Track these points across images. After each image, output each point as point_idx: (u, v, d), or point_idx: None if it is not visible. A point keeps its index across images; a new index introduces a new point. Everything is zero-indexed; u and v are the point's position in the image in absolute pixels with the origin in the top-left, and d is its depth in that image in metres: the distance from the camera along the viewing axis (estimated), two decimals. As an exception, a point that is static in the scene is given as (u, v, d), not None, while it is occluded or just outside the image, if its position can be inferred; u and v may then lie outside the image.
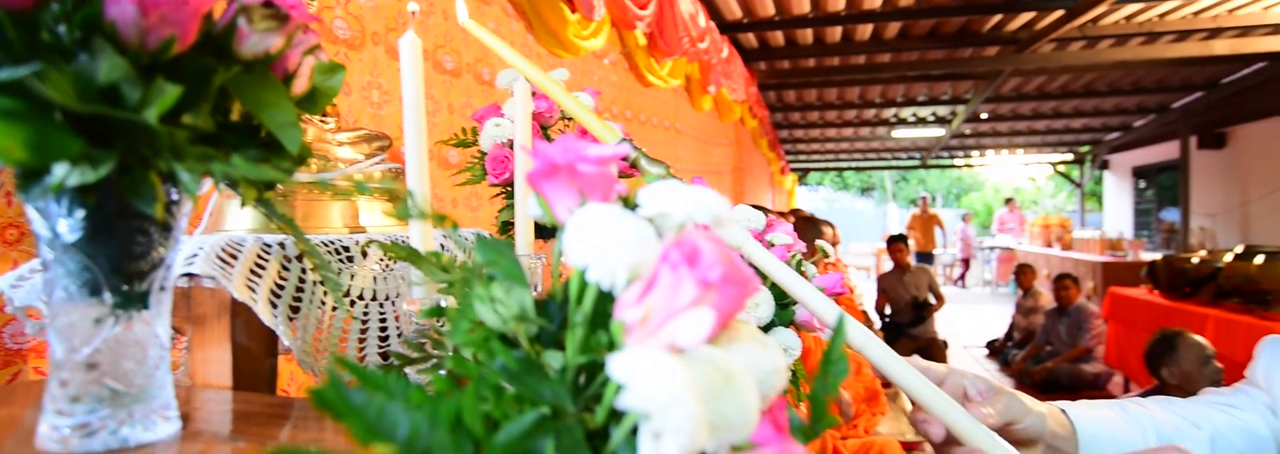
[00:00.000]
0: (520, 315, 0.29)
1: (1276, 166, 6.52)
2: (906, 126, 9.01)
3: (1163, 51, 5.41)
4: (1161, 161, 8.89)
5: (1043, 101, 7.81)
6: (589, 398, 0.30)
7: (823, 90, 7.43)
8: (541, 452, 0.26)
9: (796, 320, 0.76)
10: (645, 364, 0.23)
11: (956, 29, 5.29)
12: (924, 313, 5.35)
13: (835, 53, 5.64)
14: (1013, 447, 0.51)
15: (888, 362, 0.51)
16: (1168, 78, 6.94)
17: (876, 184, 20.18)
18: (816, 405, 0.32)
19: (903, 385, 0.51)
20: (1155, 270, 4.36)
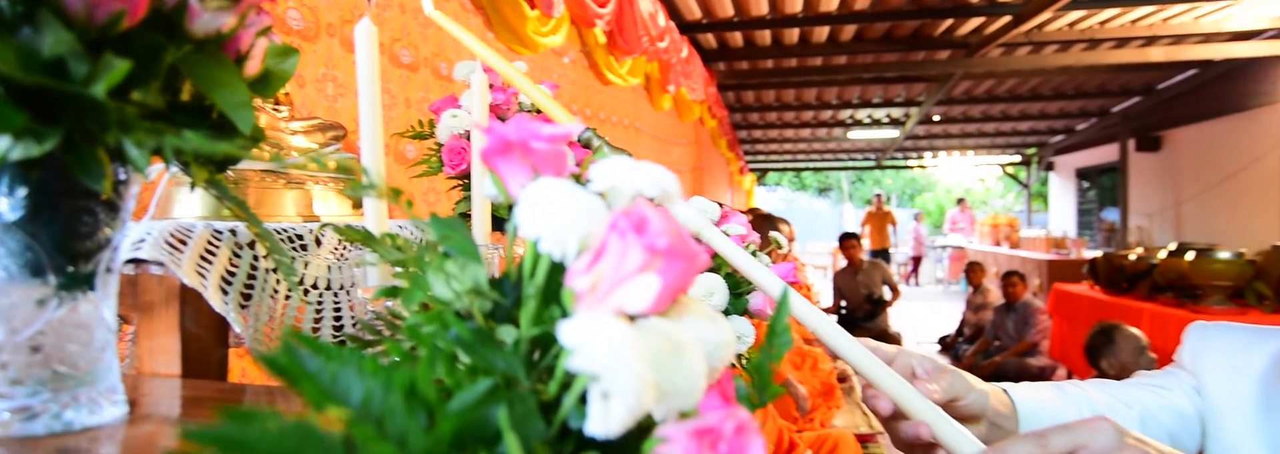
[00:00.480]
0: (474, 290, 0.30)
1: (1207, 168, 6.83)
2: (862, 128, 9.19)
3: (1103, 57, 5.62)
4: (1103, 163, 9.23)
5: (992, 104, 8.04)
6: (543, 370, 0.31)
7: (781, 91, 7.53)
8: (494, 420, 0.27)
9: (751, 309, 0.78)
10: (593, 327, 0.23)
11: (909, 32, 5.42)
12: (879, 308, 5.47)
13: (793, 54, 5.73)
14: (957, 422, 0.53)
15: (838, 340, 0.53)
16: (1108, 83, 7.21)
17: (833, 185, 20.53)
18: (761, 375, 0.33)
19: (853, 362, 0.53)
20: (1096, 267, 4.54)
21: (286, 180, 0.63)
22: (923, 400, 0.53)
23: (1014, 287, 5.28)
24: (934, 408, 0.53)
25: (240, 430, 0.19)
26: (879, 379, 0.53)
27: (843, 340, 0.53)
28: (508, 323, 0.32)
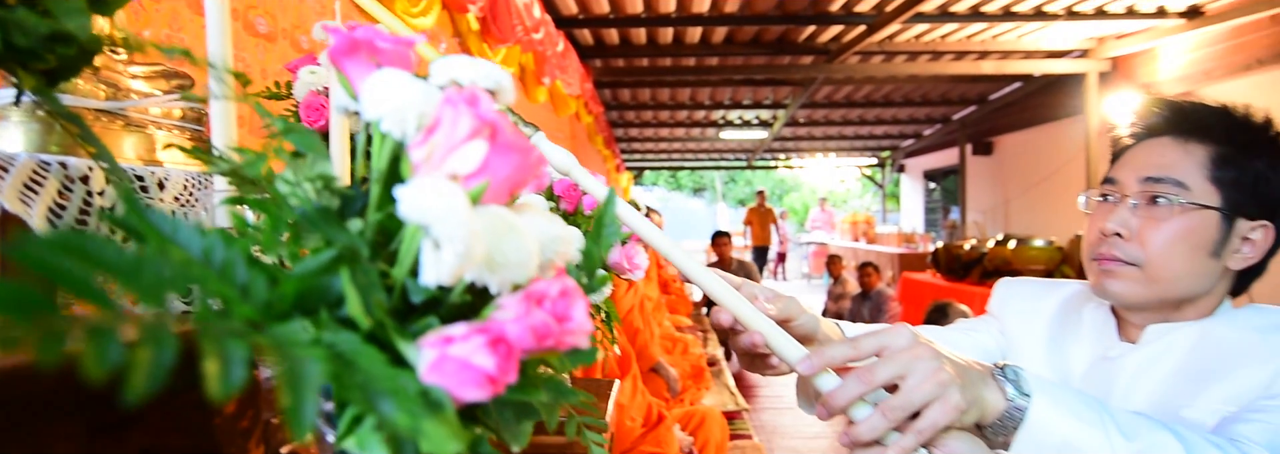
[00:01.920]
0: (322, 177, 0.32)
1: (1030, 170, 7.67)
2: (733, 128, 9.56)
3: (944, 68, 6.18)
4: (946, 166, 10.12)
5: (850, 109, 8.61)
6: (388, 255, 0.33)
7: (656, 90, 7.71)
8: (337, 288, 0.29)
9: (609, 263, 0.82)
10: (425, 183, 0.26)
11: (776, 37, 5.71)
12: None
13: (667, 54, 5.89)
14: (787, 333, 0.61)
15: (685, 263, 0.58)
16: (949, 92, 7.92)
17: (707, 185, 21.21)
18: (590, 261, 0.37)
19: (699, 282, 0.59)
20: (937, 257, 4.99)
21: (125, 122, 0.60)
22: (758, 315, 0.60)
23: (869, 277, 5.69)
24: (768, 321, 0.60)
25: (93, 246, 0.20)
26: (721, 296, 0.60)
27: (690, 264, 0.59)
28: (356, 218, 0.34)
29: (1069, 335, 0.96)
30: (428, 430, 0.27)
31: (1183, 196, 0.81)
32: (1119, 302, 0.87)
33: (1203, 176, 0.82)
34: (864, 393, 0.57)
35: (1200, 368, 0.80)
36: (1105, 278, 0.86)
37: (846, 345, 0.58)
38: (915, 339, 0.58)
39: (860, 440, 0.57)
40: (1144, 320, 0.88)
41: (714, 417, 2.20)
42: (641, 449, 1.73)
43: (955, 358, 0.61)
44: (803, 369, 0.58)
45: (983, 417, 0.60)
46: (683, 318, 4.33)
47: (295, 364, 0.22)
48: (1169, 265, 0.81)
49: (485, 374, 0.26)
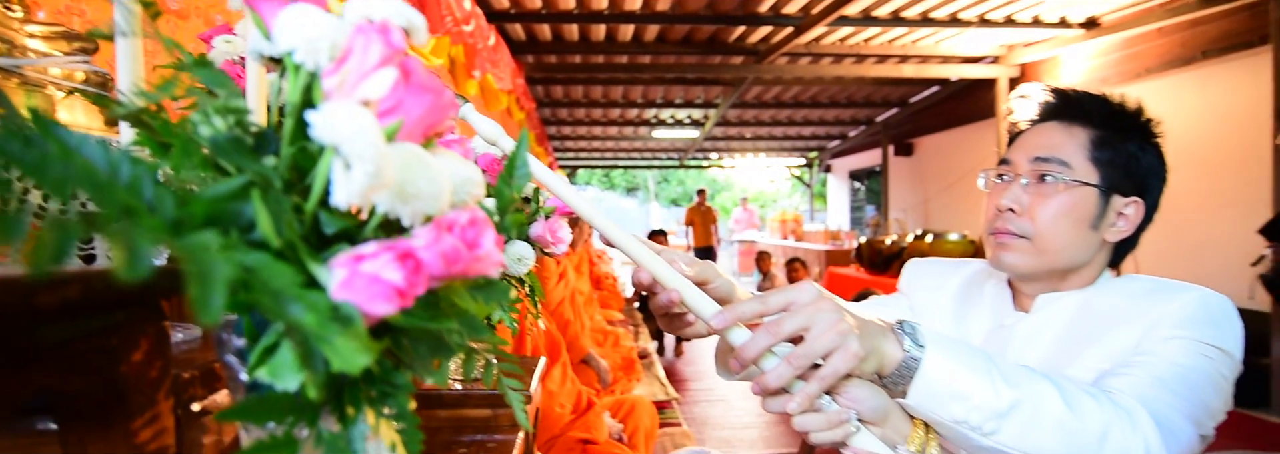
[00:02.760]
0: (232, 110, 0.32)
1: (947, 169, 8.03)
2: (665, 127, 9.65)
3: (868, 71, 6.40)
4: (869, 166, 10.49)
5: (779, 110, 8.82)
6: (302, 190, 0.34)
7: (589, 88, 7.71)
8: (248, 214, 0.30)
9: (531, 236, 0.83)
10: (336, 107, 0.27)
11: (707, 37, 5.80)
12: None
13: (599, 51, 5.90)
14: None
15: (604, 224, 0.60)
16: (872, 95, 8.22)
17: (640, 184, 21.33)
18: (502, 200, 0.39)
19: (618, 242, 0.62)
20: (861, 252, 5.18)
21: (21, 80, 0.58)
22: (675, 274, 0.63)
23: (796, 272, 5.85)
24: (684, 280, 0.63)
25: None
26: (640, 257, 0.62)
27: (609, 226, 0.61)
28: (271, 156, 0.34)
29: (971, 308, 1.03)
30: (338, 345, 0.28)
31: (1066, 174, 0.88)
32: (1012, 272, 0.94)
33: (1084, 157, 0.89)
34: (771, 344, 0.60)
35: (1082, 331, 0.87)
36: (1000, 250, 0.92)
37: (756, 301, 0.62)
38: (820, 295, 0.62)
39: (769, 388, 0.61)
40: (1035, 291, 0.95)
41: (644, 404, 2.23)
42: (571, 435, 1.74)
43: (856, 313, 0.65)
44: (715, 323, 0.61)
45: (882, 367, 0.64)
46: (614, 313, 4.36)
47: (204, 263, 0.23)
48: (1055, 237, 0.88)
49: (394, 287, 0.27)
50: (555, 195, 0.66)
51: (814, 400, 0.62)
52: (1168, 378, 0.75)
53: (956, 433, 0.65)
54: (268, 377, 0.31)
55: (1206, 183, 4.51)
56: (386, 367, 0.35)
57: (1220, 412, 0.78)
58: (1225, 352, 0.79)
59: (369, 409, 0.33)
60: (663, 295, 0.64)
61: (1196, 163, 4.43)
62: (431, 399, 0.82)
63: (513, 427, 0.82)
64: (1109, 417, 0.66)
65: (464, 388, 0.85)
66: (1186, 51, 4.83)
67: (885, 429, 0.67)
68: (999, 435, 0.64)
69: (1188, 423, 0.72)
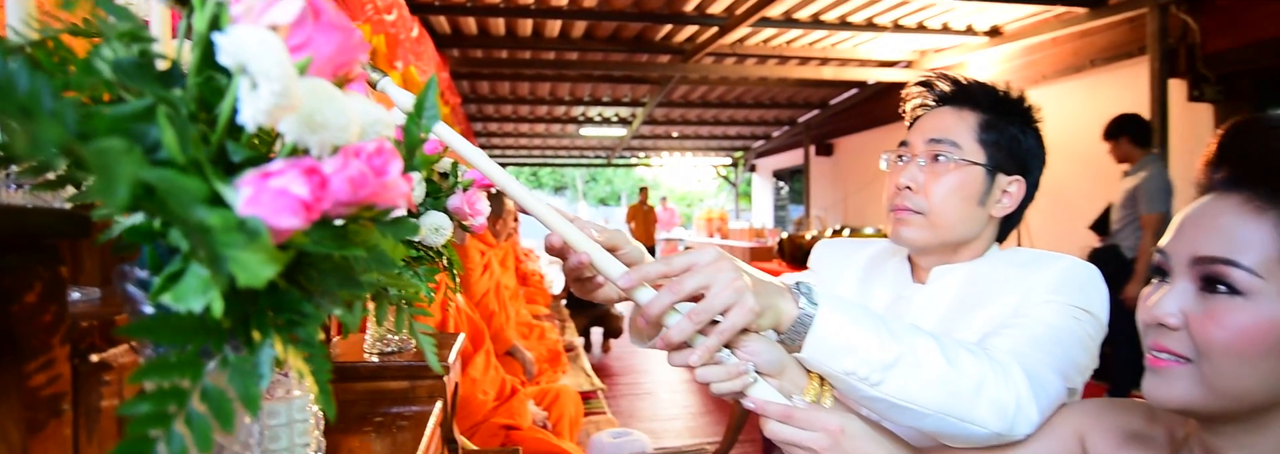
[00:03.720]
0: (131, 33, 0.32)
1: (864, 169, 8.35)
2: (593, 125, 9.66)
3: (790, 72, 6.59)
4: (792, 166, 10.79)
5: (705, 109, 8.97)
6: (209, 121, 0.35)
7: (515, 84, 7.65)
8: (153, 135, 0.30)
9: (449, 208, 0.84)
10: (243, 28, 0.28)
11: (634, 34, 5.85)
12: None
13: (526, 46, 5.86)
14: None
15: (514, 187, 0.62)
16: (794, 96, 8.46)
17: (569, 183, 21.26)
18: (410, 138, 0.40)
19: (527, 206, 0.63)
20: (783, 247, 5.34)
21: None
22: (584, 238, 0.65)
23: (720, 267, 5.96)
24: (593, 244, 0.65)
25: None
26: (550, 220, 0.65)
27: (519, 189, 0.63)
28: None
29: (874, 282, 1.10)
30: (243, 258, 0.29)
31: (957, 154, 0.96)
32: (910, 246, 1.00)
33: (972, 138, 0.97)
34: (674, 301, 0.63)
35: (970, 298, 0.94)
36: (899, 225, 0.99)
37: (660, 263, 0.65)
38: (720, 256, 0.66)
39: (672, 342, 0.64)
40: (930, 264, 1.02)
41: (568, 393, 2.24)
42: (494, 421, 1.74)
43: (755, 273, 0.69)
44: (622, 283, 0.64)
45: (778, 323, 0.69)
46: (541, 308, 4.34)
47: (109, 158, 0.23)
48: (947, 213, 0.95)
49: (300, 200, 0.29)
50: (469, 164, 0.67)
51: (714, 353, 0.65)
52: (1040, 337, 0.82)
53: (847, 384, 0.70)
54: (173, 301, 0.31)
55: (1092, 177, 4.85)
56: (294, 296, 0.35)
57: (1087, 368, 0.86)
58: (1092, 314, 0.87)
59: (276, 336, 0.34)
60: (573, 257, 0.67)
61: (1085, 160, 4.76)
62: (347, 372, 0.82)
63: (430, 398, 0.83)
64: (985, 370, 0.72)
65: (381, 361, 0.85)
66: (1078, 60, 5.19)
67: (782, 381, 0.71)
68: (885, 386, 0.69)
69: (1057, 377, 0.79)
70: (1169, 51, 4.20)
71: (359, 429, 0.75)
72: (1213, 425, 0.62)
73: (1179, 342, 0.59)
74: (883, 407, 0.71)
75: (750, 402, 0.69)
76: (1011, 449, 0.77)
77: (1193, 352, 0.58)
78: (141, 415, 0.29)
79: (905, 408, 0.70)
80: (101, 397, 0.49)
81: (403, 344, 0.88)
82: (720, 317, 0.65)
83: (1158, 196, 3.22)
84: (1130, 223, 3.44)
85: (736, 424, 3.59)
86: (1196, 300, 0.58)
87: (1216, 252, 0.57)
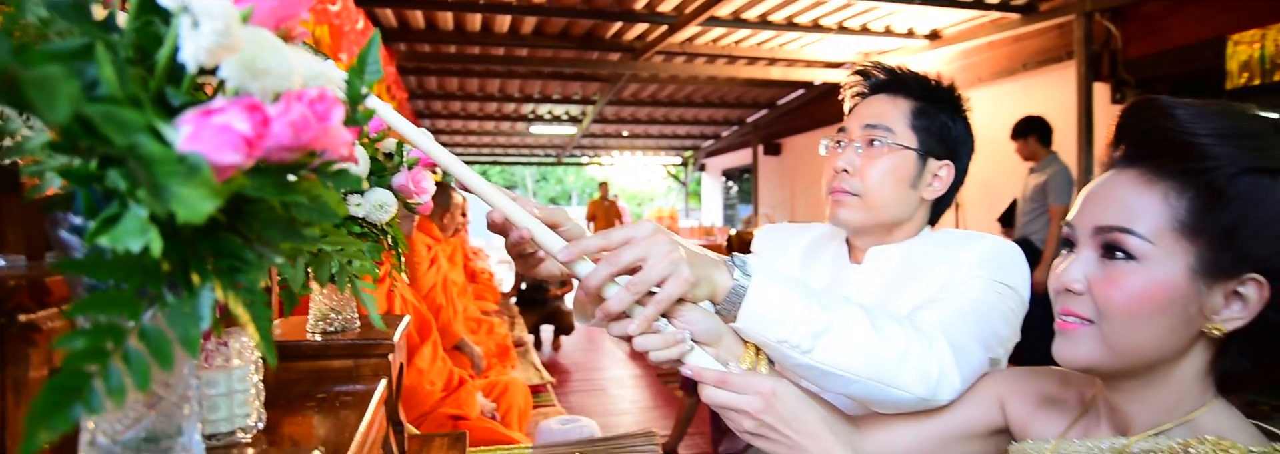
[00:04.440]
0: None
1: (811, 168, 8.53)
2: (543, 123, 9.61)
3: (739, 72, 6.68)
4: (741, 165, 10.93)
5: (655, 108, 9.02)
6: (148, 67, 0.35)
7: (464, 80, 7.55)
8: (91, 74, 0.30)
9: (393, 185, 0.84)
10: (184, -34, 0.29)
11: (584, 31, 5.84)
12: (543, 295, 5.79)
13: (475, 42, 5.80)
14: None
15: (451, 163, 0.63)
16: (743, 96, 8.58)
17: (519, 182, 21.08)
18: (352, 90, 0.40)
19: (466, 180, 0.64)
20: (731, 243, 5.41)
21: None
22: (525, 214, 0.66)
23: (670, 264, 6.00)
24: (534, 219, 0.67)
25: None
26: (491, 197, 0.65)
27: (457, 165, 0.64)
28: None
29: (814, 263, 1.13)
30: (183, 194, 0.29)
31: (890, 138, 1.00)
32: (847, 227, 1.04)
33: (905, 124, 1.01)
34: (612, 273, 0.65)
35: (903, 275, 0.99)
36: (837, 207, 1.03)
37: (599, 237, 0.67)
38: (656, 230, 0.68)
39: (611, 313, 0.66)
40: (866, 244, 1.06)
41: (517, 385, 2.24)
42: (441, 411, 1.73)
43: (691, 246, 0.71)
44: (562, 257, 0.66)
45: (714, 294, 0.71)
46: (490, 304, 4.31)
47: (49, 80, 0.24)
48: (881, 194, 1.00)
49: (242, 136, 0.29)
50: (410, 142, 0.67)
51: (651, 322, 0.68)
52: (965, 310, 0.86)
53: (780, 352, 0.73)
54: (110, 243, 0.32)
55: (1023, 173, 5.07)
56: (235, 243, 0.36)
57: (1009, 339, 0.91)
58: (1013, 289, 0.92)
59: (217, 281, 0.35)
60: (514, 232, 0.68)
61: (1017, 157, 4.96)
62: (289, 350, 0.81)
63: (375, 376, 0.82)
64: (910, 339, 0.76)
65: (324, 339, 0.84)
66: (1011, 63, 5.41)
67: (719, 349, 0.73)
68: (815, 353, 0.72)
69: (979, 347, 0.83)
70: (1094, 57, 4.41)
71: (301, 406, 0.75)
72: (1114, 383, 0.67)
73: (1083, 305, 0.63)
74: (815, 374, 0.74)
75: (688, 368, 0.71)
76: (937, 413, 0.81)
77: (1095, 314, 0.62)
78: (78, 350, 0.29)
79: (835, 374, 0.73)
80: (30, 363, 0.48)
81: (347, 323, 0.87)
82: (657, 288, 0.67)
83: (1065, 190, 3.59)
84: (1040, 215, 3.75)
85: (685, 416, 3.64)
86: (1098, 267, 0.63)
87: (1114, 221, 0.61)
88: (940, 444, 0.81)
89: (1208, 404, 0.63)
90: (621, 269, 0.66)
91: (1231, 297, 0.60)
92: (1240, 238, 0.57)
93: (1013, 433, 0.80)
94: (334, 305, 0.85)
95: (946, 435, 0.81)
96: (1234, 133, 0.58)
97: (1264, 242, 0.57)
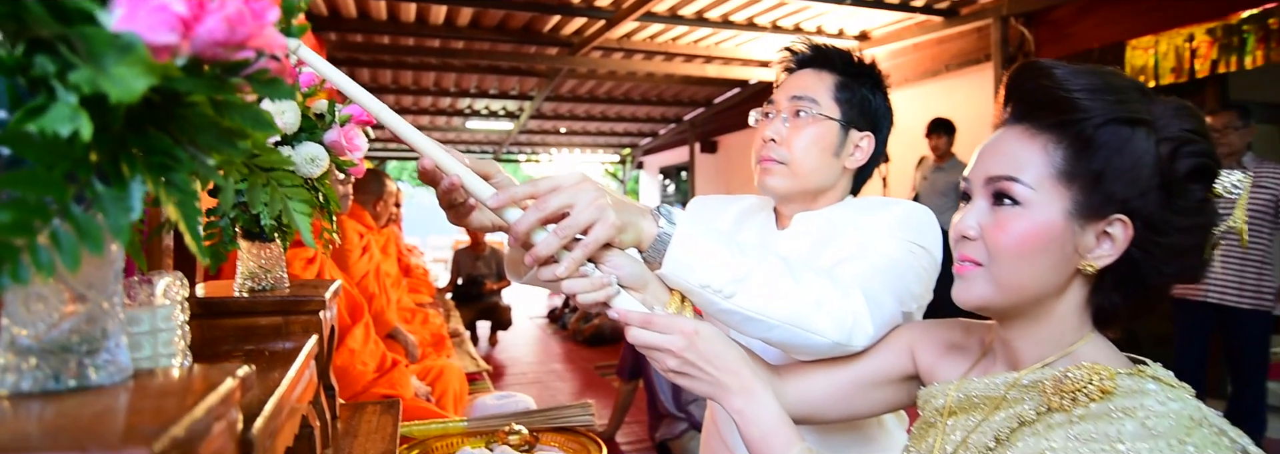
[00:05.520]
0: None
1: (748, 166, 8.66)
2: (480, 118, 9.49)
3: (676, 69, 6.76)
4: (678, 163, 11.05)
5: (594, 105, 9.03)
6: None
7: (398, 72, 7.39)
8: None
9: (326, 142, 0.83)
10: None
11: (522, 25, 5.80)
12: (479, 289, 5.74)
13: (410, 33, 5.68)
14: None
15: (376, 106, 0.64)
16: (680, 94, 8.67)
17: (456, 180, 20.71)
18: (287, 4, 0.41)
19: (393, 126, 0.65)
20: (668, 238, 5.48)
21: None
22: (455, 162, 0.68)
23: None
24: (464, 167, 0.68)
25: None
26: (420, 144, 0.67)
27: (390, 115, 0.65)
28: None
29: (743, 231, 1.18)
30: (116, 73, 0.30)
31: (815, 109, 1.05)
32: (774, 193, 1.09)
33: (830, 96, 1.06)
34: (540, 218, 0.68)
35: (826, 238, 1.04)
36: (764, 175, 1.07)
37: (528, 184, 0.69)
38: (583, 178, 0.70)
39: (540, 257, 0.68)
40: (792, 212, 1.11)
41: (453, 369, 2.22)
42: (374, 391, 1.70)
43: (616, 195, 0.74)
44: (491, 203, 0.68)
45: (640, 241, 0.74)
46: (425, 297, 4.24)
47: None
48: (806, 162, 1.04)
49: (178, 17, 0.30)
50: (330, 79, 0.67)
51: (578, 266, 0.70)
52: (879, 265, 0.92)
53: (703, 298, 0.76)
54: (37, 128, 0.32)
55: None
56: (166, 141, 0.36)
57: (922, 296, 0.97)
58: (926, 249, 0.98)
59: (148, 176, 0.35)
60: (445, 180, 0.70)
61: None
62: (215, 306, 0.79)
63: (305, 332, 0.82)
64: (826, 288, 0.81)
65: (251, 296, 0.82)
66: (935, 65, 5.65)
67: (645, 295, 0.76)
68: (737, 298, 0.75)
69: (892, 299, 0.89)
70: (1010, 58, 4.66)
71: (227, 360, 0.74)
72: (1005, 322, 0.73)
73: (976, 249, 0.69)
74: (736, 319, 0.78)
75: (614, 311, 0.74)
76: (852, 361, 0.86)
77: (986, 256, 0.68)
78: (3, 223, 0.29)
79: (755, 319, 0.77)
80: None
81: (276, 282, 0.86)
82: (583, 235, 0.69)
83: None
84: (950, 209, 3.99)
85: (622, 404, 3.66)
86: (989, 214, 0.69)
87: (1002, 171, 0.67)
88: (856, 390, 0.86)
89: (1085, 337, 0.70)
90: (549, 215, 0.68)
91: (1102, 236, 0.66)
92: (1106, 182, 0.64)
93: (921, 378, 0.86)
94: (262, 264, 0.84)
95: (861, 382, 0.86)
96: (1101, 88, 0.65)
97: (1125, 184, 0.64)
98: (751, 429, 0.73)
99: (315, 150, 0.78)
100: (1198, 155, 0.64)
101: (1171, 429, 0.58)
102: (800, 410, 0.86)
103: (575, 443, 1.33)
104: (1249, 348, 3.20)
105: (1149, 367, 0.67)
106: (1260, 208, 3.12)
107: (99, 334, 0.39)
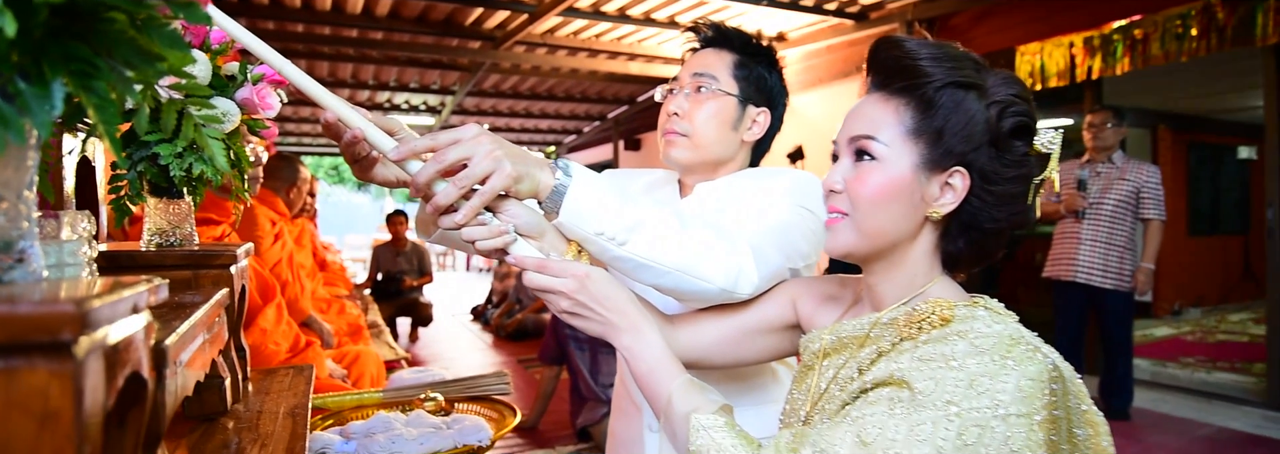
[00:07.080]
0: None
1: (670, 164, 8.84)
2: (399, 113, 9.29)
3: (599, 65, 6.81)
4: (602, 161, 11.10)
5: (517, 101, 8.98)
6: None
7: (313, 63, 7.15)
8: None
9: (237, 99, 0.85)
10: None
11: (444, 17, 5.73)
12: (399, 286, 5.65)
13: (326, 21, 5.54)
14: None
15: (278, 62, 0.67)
16: (604, 91, 8.74)
17: (375, 178, 20.11)
18: None
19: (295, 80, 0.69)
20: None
21: None
22: (357, 115, 0.73)
23: (531, 253, 6.02)
24: (365, 121, 0.73)
25: None
26: (321, 97, 0.71)
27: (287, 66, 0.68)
28: None
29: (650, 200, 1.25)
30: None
31: (715, 85, 1.13)
32: (677, 164, 1.16)
33: (728, 74, 1.14)
34: (439, 170, 0.72)
35: (723, 205, 1.12)
36: (669, 147, 1.14)
37: (427, 137, 0.74)
38: (481, 131, 0.76)
39: (439, 207, 0.73)
40: (694, 182, 1.19)
41: (370, 355, 2.20)
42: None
43: (515, 148, 0.79)
44: (393, 156, 0.72)
45: (537, 192, 0.79)
46: (341, 290, 4.15)
47: None
48: (706, 134, 1.12)
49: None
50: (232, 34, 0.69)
51: (476, 213, 0.75)
52: (771, 224, 1.00)
53: (598, 245, 0.82)
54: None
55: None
56: (85, 50, 0.40)
57: (809, 254, 1.06)
58: (813, 213, 1.07)
59: (69, 79, 0.38)
60: (347, 133, 0.73)
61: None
62: (123, 259, 0.80)
63: (215, 286, 0.83)
64: (714, 239, 0.88)
65: (159, 250, 0.83)
66: (847, 66, 5.92)
67: (542, 244, 0.82)
68: (629, 246, 0.82)
69: (779, 255, 0.97)
70: (914, 60, 4.93)
71: (135, 309, 0.75)
72: (869, 267, 0.82)
73: (841, 201, 0.78)
74: (629, 265, 0.84)
75: (512, 257, 0.79)
76: (739, 309, 0.94)
77: (850, 207, 0.77)
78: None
79: (647, 265, 0.83)
80: None
81: (185, 239, 0.87)
82: (480, 186, 0.74)
83: None
84: None
85: (545, 392, 3.69)
86: (852, 170, 0.78)
87: (862, 131, 0.77)
88: (742, 336, 0.94)
89: (935, 280, 0.80)
90: (448, 166, 0.73)
91: (944, 187, 0.76)
92: (945, 138, 0.74)
93: (802, 326, 0.94)
94: (171, 220, 0.85)
95: (747, 329, 0.94)
96: (941, 56, 0.75)
97: (961, 140, 0.74)
98: (639, 365, 0.80)
99: (227, 105, 0.80)
100: (1020, 115, 0.75)
101: (995, 346, 0.68)
102: (691, 355, 0.93)
103: (493, 411, 1.37)
104: (1115, 326, 3.53)
105: (982, 299, 0.77)
106: (1124, 197, 3.45)
107: (15, 235, 0.41)
